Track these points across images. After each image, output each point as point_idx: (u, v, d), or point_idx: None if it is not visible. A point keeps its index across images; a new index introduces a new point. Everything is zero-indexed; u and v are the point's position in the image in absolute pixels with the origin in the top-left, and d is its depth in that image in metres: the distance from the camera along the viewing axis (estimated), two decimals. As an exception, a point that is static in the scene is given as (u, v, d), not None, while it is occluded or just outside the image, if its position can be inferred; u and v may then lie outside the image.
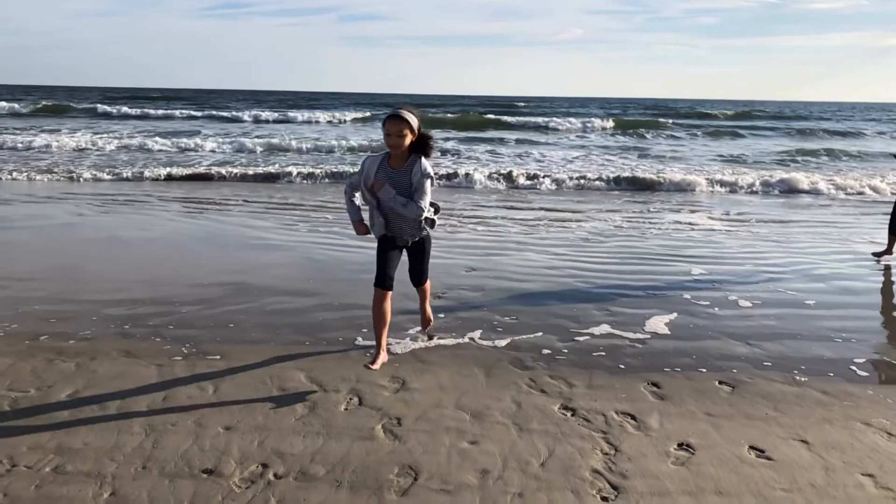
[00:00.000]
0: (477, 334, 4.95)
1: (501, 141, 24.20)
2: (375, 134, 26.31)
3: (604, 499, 2.93)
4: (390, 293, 4.11)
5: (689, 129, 30.91)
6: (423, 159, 3.96)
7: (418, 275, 4.49)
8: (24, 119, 30.79)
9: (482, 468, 3.14)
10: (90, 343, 4.66)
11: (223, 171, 15.09)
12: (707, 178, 14.82)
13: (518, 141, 24.33)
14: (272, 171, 15.19)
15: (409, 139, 3.90)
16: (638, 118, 36.55)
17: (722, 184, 14.42)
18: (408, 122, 3.88)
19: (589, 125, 31.69)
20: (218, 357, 4.43)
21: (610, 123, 32.11)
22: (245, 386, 4.00)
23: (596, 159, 19.24)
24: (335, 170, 15.33)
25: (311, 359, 4.45)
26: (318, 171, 15.11)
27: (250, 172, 14.91)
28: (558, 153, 20.50)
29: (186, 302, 5.51)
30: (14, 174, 14.31)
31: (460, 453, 3.27)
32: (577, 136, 27.94)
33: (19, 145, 19.37)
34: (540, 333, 4.99)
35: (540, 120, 33.32)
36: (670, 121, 34.36)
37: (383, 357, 4.07)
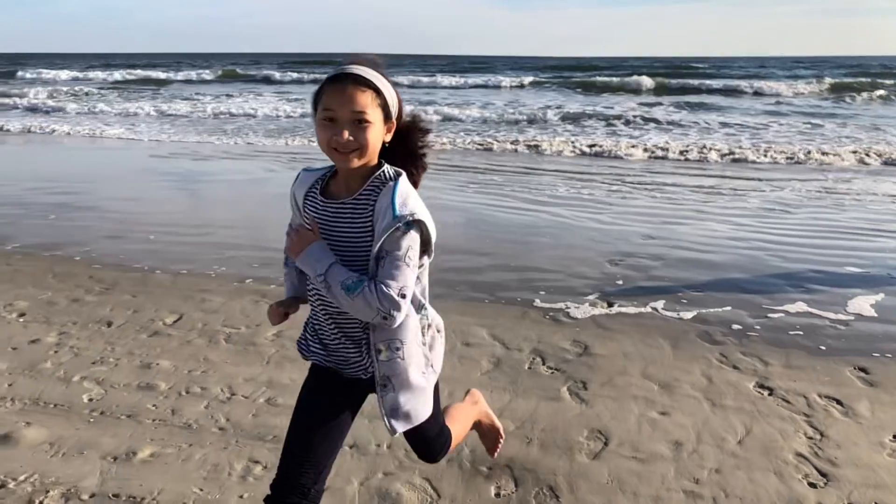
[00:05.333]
0: (660, 304, 4.78)
1: (689, 105, 22.62)
2: (546, 98, 25.82)
3: (811, 485, 2.75)
4: None
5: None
6: (400, 183, 1.74)
7: (424, 448, 2.20)
8: (211, 85, 33.41)
9: (675, 440, 3.05)
10: (279, 289, 5.02)
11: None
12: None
13: (709, 106, 22.56)
14: (429, 138, 15.49)
15: (377, 131, 1.73)
16: (842, 80, 32.28)
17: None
18: (375, 90, 1.71)
19: (782, 87, 28.63)
20: (404, 309, 4.61)
21: (814, 86, 28.65)
22: (431, 339, 4.13)
23: (795, 124, 17.58)
24: (490, 140, 15.31)
25: (491, 316, 4.52)
26: (490, 140, 15.18)
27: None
28: (749, 119, 18.95)
29: (371, 256, 5.78)
30: (208, 135, 15.64)
31: (651, 423, 3.20)
32: (767, 99, 25.56)
33: (210, 109, 21.07)
34: (728, 308, 4.73)
35: (732, 82, 30.66)
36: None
37: None
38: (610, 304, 4.78)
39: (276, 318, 1.99)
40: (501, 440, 2.57)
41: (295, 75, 37.87)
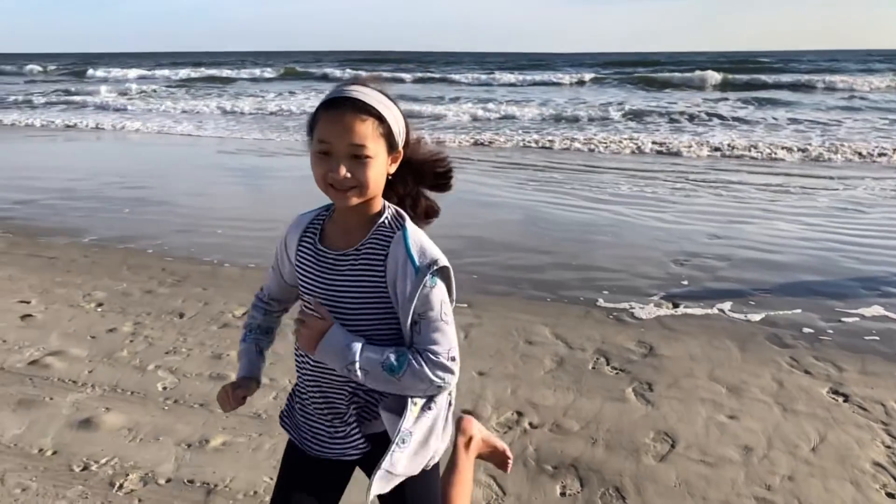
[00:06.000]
0: (727, 306, 4.67)
1: (756, 101, 21.67)
2: (608, 94, 25.48)
3: (889, 495, 2.65)
4: None
5: None
6: (408, 230, 1.52)
7: None
8: (273, 83, 33.91)
9: (744, 444, 2.98)
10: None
11: (455, 136, 15.64)
12: None
13: (777, 102, 21.63)
14: (488, 136, 15.47)
15: (379, 165, 1.48)
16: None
17: None
18: (378, 117, 1.45)
19: (856, 81, 26.75)
20: (466, 305, 4.62)
21: (891, 80, 26.67)
22: (493, 335, 4.15)
23: (870, 119, 16.76)
24: (549, 138, 15.17)
25: (553, 315, 4.50)
26: (548, 138, 15.10)
27: (480, 137, 15.29)
28: (820, 114, 18.15)
29: (432, 252, 5.81)
30: (271, 132, 15.98)
31: (719, 426, 3.13)
32: (840, 94, 24.26)
33: (272, 106, 21.46)
34: (799, 310, 4.59)
35: (801, 77, 29.01)
36: None
37: None
38: (675, 305, 4.70)
39: (232, 403, 1.66)
40: (510, 459, 2.28)
41: (352, 72, 38.21)
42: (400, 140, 1.50)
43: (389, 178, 1.54)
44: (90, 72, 40.42)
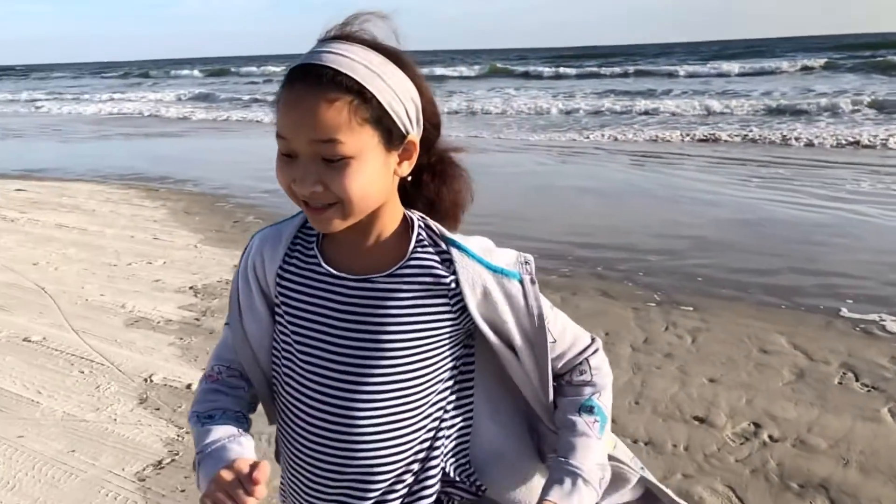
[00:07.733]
0: None
1: None
2: (843, 81, 23.13)
3: None
4: None
5: None
6: (462, 244, 1.05)
7: None
8: (473, 82, 33.97)
9: None
10: (570, 280, 5.13)
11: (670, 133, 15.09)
12: None
13: None
14: (704, 131, 14.67)
15: (372, 168, 0.96)
16: None
17: None
18: (357, 92, 0.92)
19: None
20: (691, 308, 4.47)
21: None
22: (722, 341, 3.97)
23: None
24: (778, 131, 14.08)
25: (790, 323, 4.20)
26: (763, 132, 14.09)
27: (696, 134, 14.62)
28: None
29: (652, 251, 5.66)
30: (478, 130, 16.44)
31: None
32: None
33: (479, 105, 21.76)
34: None
35: None
36: None
37: None
38: (936, 322, 4.19)
39: (248, 491, 0.93)
40: None
41: (550, 68, 37.66)
42: (409, 123, 0.99)
43: (406, 182, 1.06)
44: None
